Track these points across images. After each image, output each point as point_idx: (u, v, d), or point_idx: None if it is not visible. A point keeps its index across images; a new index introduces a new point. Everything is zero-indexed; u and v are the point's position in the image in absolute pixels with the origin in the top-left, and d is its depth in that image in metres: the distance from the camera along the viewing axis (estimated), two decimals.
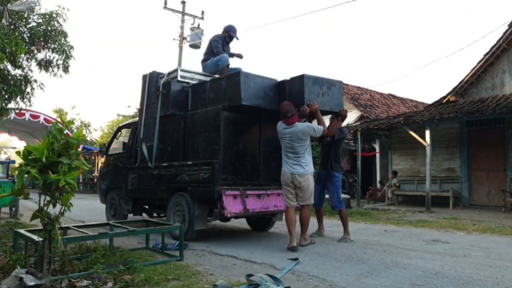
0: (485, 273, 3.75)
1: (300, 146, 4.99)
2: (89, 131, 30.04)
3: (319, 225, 6.04)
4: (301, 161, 4.99)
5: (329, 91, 5.58)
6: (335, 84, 5.72)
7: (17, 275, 2.89)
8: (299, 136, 4.97)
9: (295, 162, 4.99)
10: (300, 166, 4.99)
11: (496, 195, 10.66)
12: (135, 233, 4.38)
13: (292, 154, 5.01)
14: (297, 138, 4.97)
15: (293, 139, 4.97)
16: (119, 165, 7.37)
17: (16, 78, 6.69)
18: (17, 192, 2.96)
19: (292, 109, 5.02)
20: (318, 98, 5.37)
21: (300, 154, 5.00)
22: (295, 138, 4.97)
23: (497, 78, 11.36)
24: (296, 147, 4.98)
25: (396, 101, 20.53)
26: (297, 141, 4.98)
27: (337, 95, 5.72)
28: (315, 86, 5.42)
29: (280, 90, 5.69)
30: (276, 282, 3.23)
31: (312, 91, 5.36)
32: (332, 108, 5.65)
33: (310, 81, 5.36)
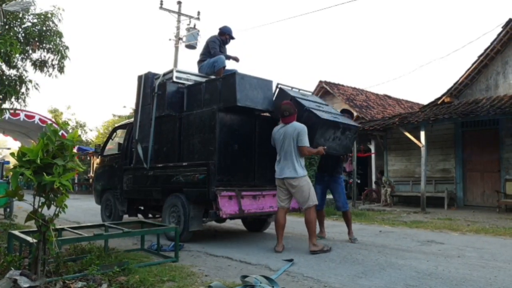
0: (479, 274, 3.78)
1: (290, 146, 4.84)
2: (84, 132, 29.96)
3: (320, 228, 5.90)
4: (292, 164, 4.82)
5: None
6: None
7: (11, 277, 2.88)
8: (292, 135, 4.84)
9: (285, 165, 4.85)
10: (291, 169, 4.83)
11: (490, 196, 10.74)
12: (130, 234, 4.37)
13: (283, 155, 4.88)
14: (290, 137, 4.83)
15: (286, 137, 4.85)
16: (114, 166, 7.35)
17: (11, 78, 6.66)
18: (12, 194, 2.95)
19: (290, 108, 4.97)
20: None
21: (291, 156, 4.84)
22: (288, 137, 4.85)
23: (491, 80, 11.44)
24: (286, 147, 4.85)
25: (391, 102, 20.60)
26: (289, 140, 4.83)
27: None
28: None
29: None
30: (271, 283, 3.24)
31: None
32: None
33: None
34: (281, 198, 4.97)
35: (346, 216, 5.77)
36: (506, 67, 11.09)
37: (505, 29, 10.73)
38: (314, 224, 4.87)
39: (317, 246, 4.76)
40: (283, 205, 4.98)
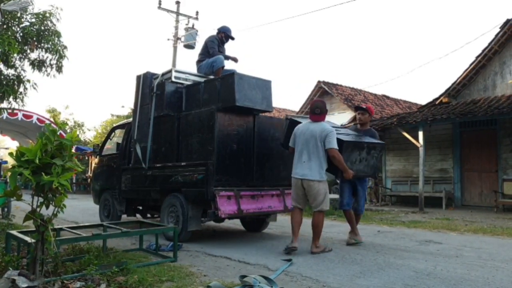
0: (477, 274, 3.80)
1: (317, 148, 4.58)
2: (82, 131, 29.92)
3: (354, 229, 5.46)
4: (317, 166, 4.59)
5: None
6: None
7: (10, 277, 2.87)
8: (321, 136, 4.59)
9: (309, 166, 4.59)
10: (314, 172, 4.59)
11: (488, 196, 10.77)
12: (129, 234, 4.37)
13: (307, 155, 4.61)
14: (317, 138, 4.58)
15: (312, 137, 4.59)
16: (112, 166, 7.34)
17: (9, 78, 6.65)
18: (10, 194, 2.94)
19: (323, 106, 4.85)
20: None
21: (318, 157, 4.60)
22: (315, 137, 4.58)
23: (489, 80, 11.48)
24: (312, 148, 4.58)
25: (389, 102, 20.65)
26: (316, 141, 4.58)
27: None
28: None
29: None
30: (270, 283, 3.25)
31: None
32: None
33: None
34: (298, 199, 4.77)
35: (358, 218, 5.65)
36: (504, 68, 11.13)
37: (503, 29, 10.77)
38: (321, 227, 4.75)
39: (318, 248, 4.71)
40: (300, 206, 4.80)
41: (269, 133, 5.98)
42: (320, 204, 4.67)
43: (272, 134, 6.01)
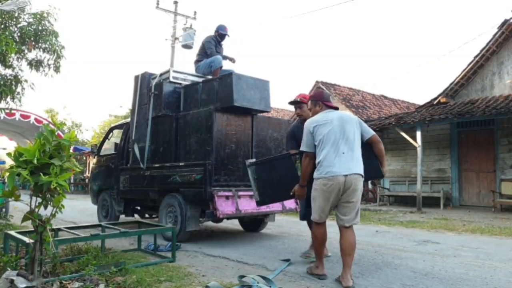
0: (474, 273, 3.81)
1: (355, 135, 3.52)
2: (80, 131, 29.88)
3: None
4: (359, 158, 3.49)
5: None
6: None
7: (8, 277, 2.87)
8: (354, 121, 3.59)
9: (351, 157, 3.43)
10: (359, 163, 3.47)
11: (486, 196, 10.80)
12: (127, 234, 4.36)
13: (345, 145, 3.43)
14: (351, 124, 3.55)
15: (345, 124, 3.51)
16: (111, 166, 7.33)
17: (6, 78, 6.65)
18: (8, 194, 2.93)
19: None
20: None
21: (356, 146, 3.50)
22: (349, 123, 3.53)
23: (486, 80, 11.51)
24: (349, 135, 3.48)
25: (387, 102, 20.68)
26: (352, 127, 3.53)
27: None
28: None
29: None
30: (269, 283, 3.25)
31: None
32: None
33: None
34: (327, 208, 3.50)
35: None
36: (502, 68, 11.16)
37: (501, 29, 10.81)
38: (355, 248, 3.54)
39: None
40: (325, 218, 3.57)
41: (267, 133, 5.99)
42: (357, 215, 3.50)
43: (270, 134, 6.02)
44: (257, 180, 3.93)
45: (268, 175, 3.94)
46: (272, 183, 3.94)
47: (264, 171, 3.95)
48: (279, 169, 3.96)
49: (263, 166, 4.00)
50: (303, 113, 4.43)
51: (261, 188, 3.93)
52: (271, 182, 3.94)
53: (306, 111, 4.32)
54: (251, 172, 3.97)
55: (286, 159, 4.03)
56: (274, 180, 3.93)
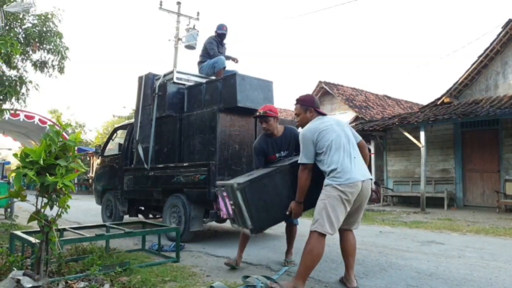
0: (479, 274, 3.80)
1: (353, 139, 3.40)
2: (84, 132, 30.00)
3: (289, 247, 4.47)
4: (363, 161, 3.39)
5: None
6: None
7: (14, 277, 2.89)
8: (347, 127, 3.48)
9: (361, 163, 3.31)
10: (366, 168, 3.38)
11: (490, 196, 10.76)
12: (132, 234, 4.38)
13: (353, 150, 3.30)
14: (348, 129, 3.43)
15: (343, 129, 3.37)
16: (115, 167, 7.36)
17: (11, 79, 6.69)
18: (15, 194, 2.96)
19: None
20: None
21: (358, 152, 3.36)
22: (346, 128, 3.41)
23: (491, 80, 11.47)
24: (351, 138, 3.37)
25: (391, 102, 20.64)
26: (349, 132, 3.40)
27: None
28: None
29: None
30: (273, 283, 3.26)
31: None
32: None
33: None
34: (342, 219, 3.17)
35: (294, 230, 4.56)
36: (506, 68, 11.12)
37: (505, 29, 10.76)
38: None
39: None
40: (334, 231, 3.16)
41: None
42: (359, 218, 3.46)
43: None
44: (249, 204, 3.34)
45: (260, 197, 3.39)
46: (266, 205, 3.41)
47: (256, 193, 3.38)
48: (272, 187, 3.46)
49: (254, 187, 3.39)
50: (269, 127, 4.03)
51: (254, 213, 3.35)
52: (264, 204, 3.40)
53: (273, 124, 4.04)
54: (240, 197, 3.34)
55: (279, 174, 3.52)
56: (267, 201, 3.42)
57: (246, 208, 3.34)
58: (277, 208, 3.45)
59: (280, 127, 4.16)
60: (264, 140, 4.11)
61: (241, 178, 3.70)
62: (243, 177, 3.73)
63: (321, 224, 3.08)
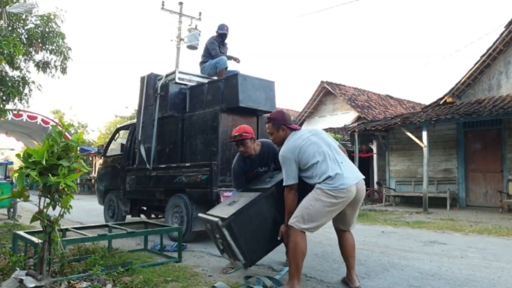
0: (482, 274, 3.79)
1: (334, 142, 3.40)
2: (86, 132, 30.08)
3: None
4: (351, 162, 3.39)
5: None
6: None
7: (17, 277, 2.90)
8: (322, 131, 3.49)
9: (349, 165, 3.28)
10: (356, 169, 3.34)
11: (493, 196, 10.72)
12: (134, 234, 4.39)
13: (338, 154, 3.27)
14: (326, 136, 3.40)
15: (323, 137, 3.34)
16: (117, 167, 7.38)
17: (14, 79, 6.71)
18: (17, 194, 2.97)
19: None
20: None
21: (342, 154, 3.36)
22: (325, 136, 3.39)
23: (493, 80, 11.43)
24: (333, 143, 3.36)
25: (393, 102, 20.61)
26: (326, 136, 3.40)
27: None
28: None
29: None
30: (275, 283, 3.26)
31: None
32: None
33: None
34: (327, 222, 3.25)
35: None
36: (509, 67, 11.07)
37: (508, 28, 10.72)
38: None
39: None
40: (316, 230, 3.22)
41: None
42: (355, 218, 3.47)
43: None
44: (237, 239, 3.15)
45: (248, 228, 3.19)
46: (255, 236, 3.22)
47: (243, 226, 3.17)
48: (258, 215, 3.25)
49: (240, 219, 3.18)
50: (247, 149, 3.85)
51: (245, 248, 3.16)
52: (253, 235, 3.21)
53: (250, 146, 3.86)
54: (228, 233, 3.16)
55: (264, 199, 3.29)
56: (256, 231, 3.22)
57: (235, 244, 3.16)
58: (266, 236, 3.28)
59: (257, 144, 3.96)
60: (243, 160, 3.94)
61: (223, 209, 3.46)
62: (225, 207, 3.49)
63: (298, 221, 3.07)
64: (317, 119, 19.18)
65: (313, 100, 19.17)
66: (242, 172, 3.93)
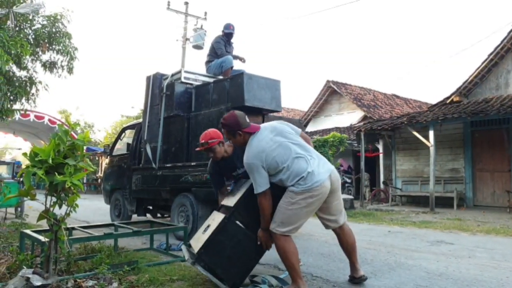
0: (490, 275, 3.75)
1: (295, 135, 3.26)
2: (92, 132, 30.24)
3: None
4: (318, 153, 3.29)
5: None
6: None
7: (24, 275, 2.92)
8: (289, 127, 3.29)
9: (318, 158, 3.18)
10: (326, 160, 3.25)
11: (500, 196, 10.62)
12: (140, 233, 4.40)
13: (306, 151, 3.15)
14: (284, 128, 3.25)
15: (282, 132, 3.21)
16: (123, 166, 7.40)
17: (21, 79, 6.76)
18: (24, 193, 2.99)
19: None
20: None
21: (308, 147, 3.24)
22: (283, 129, 3.23)
23: (501, 78, 11.32)
24: (296, 138, 3.24)
25: (399, 101, 20.50)
26: (288, 130, 3.24)
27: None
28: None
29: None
30: (280, 282, 3.25)
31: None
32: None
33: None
34: (304, 222, 3.18)
35: None
36: None
37: None
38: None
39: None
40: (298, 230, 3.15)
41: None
42: (341, 209, 3.38)
43: None
44: (214, 269, 3.08)
45: (222, 255, 3.07)
46: (232, 260, 3.09)
47: (216, 254, 3.07)
48: (228, 239, 3.10)
49: (210, 250, 3.07)
50: (217, 155, 3.66)
51: (223, 275, 3.06)
52: (230, 260, 3.09)
53: (220, 151, 3.66)
54: (202, 269, 3.10)
55: (229, 221, 3.13)
56: (231, 255, 3.09)
57: (212, 274, 3.08)
58: (244, 256, 3.15)
59: (229, 145, 3.72)
60: (217, 164, 3.77)
61: (198, 238, 3.34)
62: (200, 235, 3.35)
63: (278, 226, 3.03)
64: (322, 118, 19.14)
65: (319, 100, 19.12)
66: (217, 174, 3.83)
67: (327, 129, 16.99)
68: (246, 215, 3.17)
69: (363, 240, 5.67)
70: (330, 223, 3.31)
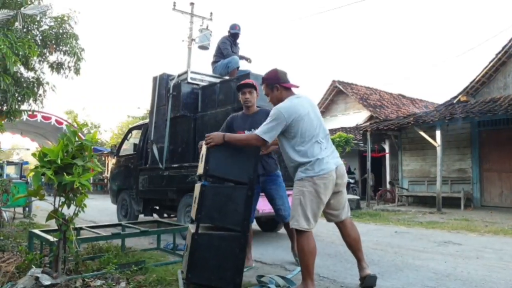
0: (498, 275, 3.72)
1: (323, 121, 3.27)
2: (99, 132, 30.43)
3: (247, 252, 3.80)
4: (333, 148, 3.24)
5: None
6: None
7: (33, 275, 2.94)
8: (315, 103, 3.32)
9: (332, 150, 3.18)
10: (337, 154, 3.24)
11: (508, 196, 10.54)
12: (147, 233, 4.42)
13: (325, 139, 3.15)
14: (318, 110, 3.28)
15: (316, 110, 3.22)
16: (130, 166, 7.44)
17: (29, 80, 6.82)
18: (33, 193, 3.01)
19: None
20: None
21: (328, 137, 3.23)
22: (316, 107, 3.26)
23: (509, 78, 11.23)
24: (323, 123, 3.23)
25: (406, 101, 20.40)
26: (318, 111, 3.27)
27: None
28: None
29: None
30: (287, 282, 3.25)
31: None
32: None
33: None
34: (319, 212, 3.10)
35: (288, 229, 4.19)
36: None
37: None
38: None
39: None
40: (314, 225, 3.07)
41: None
42: (346, 204, 3.34)
43: None
44: (209, 284, 3.07)
45: (208, 269, 3.04)
46: (220, 268, 3.04)
47: (202, 272, 3.05)
48: (206, 251, 3.04)
49: (196, 272, 3.04)
50: (252, 99, 3.91)
51: (221, 283, 3.04)
52: (218, 269, 3.04)
53: (254, 98, 3.92)
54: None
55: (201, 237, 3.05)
56: (216, 264, 3.04)
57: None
58: (228, 256, 3.07)
59: (258, 106, 4.01)
60: (241, 117, 4.03)
61: (185, 261, 3.27)
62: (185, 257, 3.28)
63: (297, 220, 3.01)
64: (328, 118, 19.09)
65: (325, 100, 19.07)
66: (230, 125, 4.09)
67: (333, 129, 16.94)
68: (210, 217, 3.11)
69: (370, 241, 5.65)
70: (334, 217, 3.30)
